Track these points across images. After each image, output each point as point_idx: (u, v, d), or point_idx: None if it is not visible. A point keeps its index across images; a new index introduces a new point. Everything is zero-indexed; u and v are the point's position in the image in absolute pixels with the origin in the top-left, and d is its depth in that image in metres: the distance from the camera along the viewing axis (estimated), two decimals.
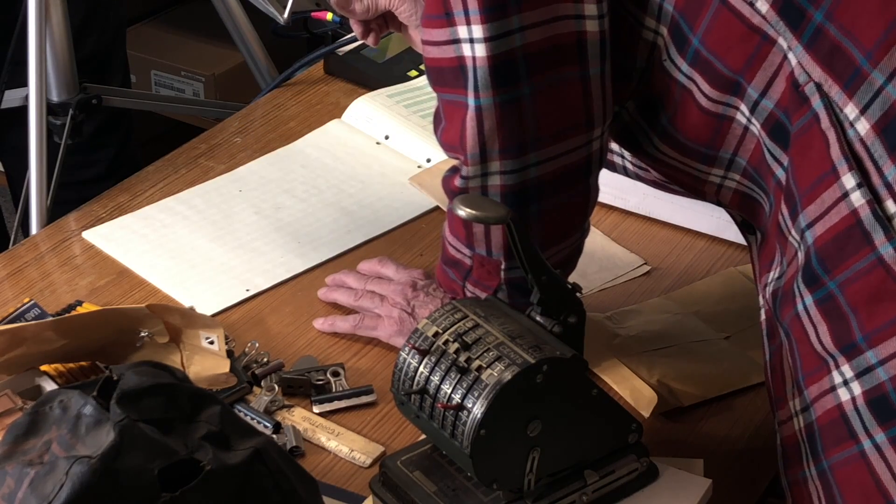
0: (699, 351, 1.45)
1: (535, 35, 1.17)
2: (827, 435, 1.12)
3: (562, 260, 1.32)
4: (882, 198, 1.06)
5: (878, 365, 1.06)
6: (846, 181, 1.08)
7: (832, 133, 1.09)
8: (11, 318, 1.45)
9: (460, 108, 1.22)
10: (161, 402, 1.07)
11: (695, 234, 1.65)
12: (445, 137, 1.26)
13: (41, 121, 1.88)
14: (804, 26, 1.10)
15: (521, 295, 1.26)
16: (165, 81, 3.18)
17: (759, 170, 1.19)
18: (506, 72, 1.19)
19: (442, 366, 1.16)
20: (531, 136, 1.21)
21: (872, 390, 1.07)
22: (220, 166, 1.77)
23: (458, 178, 1.26)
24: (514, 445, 1.15)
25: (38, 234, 1.71)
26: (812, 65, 1.10)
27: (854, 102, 1.08)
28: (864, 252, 1.07)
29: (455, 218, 1.30)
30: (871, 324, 1.07)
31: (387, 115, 1.82)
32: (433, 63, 1.23)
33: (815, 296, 1.10)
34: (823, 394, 1.11)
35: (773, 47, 1.12)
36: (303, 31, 2.26)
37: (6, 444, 1.08)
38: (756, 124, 1.16)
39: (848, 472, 1.10)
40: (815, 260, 1.10)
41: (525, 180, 1.23)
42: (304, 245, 1.63)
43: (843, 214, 1.08)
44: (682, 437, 1.36)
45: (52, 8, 1.89)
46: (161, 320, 1.37)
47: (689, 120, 1.21)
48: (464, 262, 1.33)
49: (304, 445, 1.33)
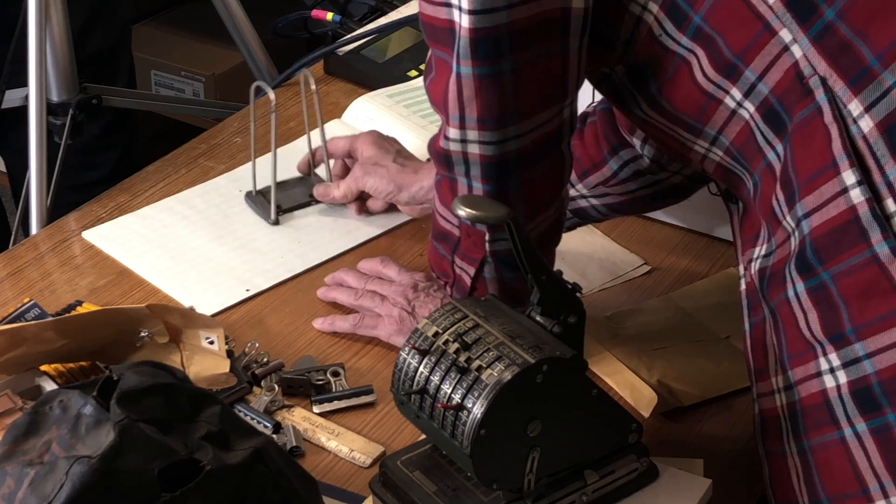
0: (699, 351, 1.45)
1: (523, 12, 1.18)
2: (809, 417, 1.14)
3: (544, 232, 1.32)
4: (882, 196, 1.08)
5: (864, 357, 1.09)
6: (846, 177, 1.09)
7: (835, 128, 1.10)
8: (11, 318, 1.45)
9: (448, 67, 1.23)
10: (161, 402, 1.07)
11: (695, 234, 1.65)
12: (432, 89, 1.27)
13: (41, 121, 1.88)
14: (814, 21, 1.12)
15: (508, 269, 1.27)
16: (165, 81, 3.18)
17: (743, 151, 1.20)
18: (487, 47, 1.19)
19: (442, 366, 1.16)
20: (511, 110, 1.22)
21: (858, 381, 1.09)
22: (220, 166, 1.77)
23: (442, 139, 1.27)
24: (514, 445, 1.15)
25: (38, 234, 1.71)
26: (818, 59, 1.11)
27: (859, 99, 1.09)
28: (859, 248, 1.09)
29: (445, 186, 1.30)
30: (861, 317, 1.09)
31: (387, 115, 1.82)
32: (426, 19, 1.24)
33: (807, 284, 1.12)
34: (809, 377, 1.13)
35: (773, 38, 1.13)
36: (303, 31, 2.26)
37: (6, 444, 1.08)
38: (749, 108, 1.17)
39: (828, 455, 1.13)
40: (810, 249, 1.12)
41: (505, 152, 1.24)
42: (304, 245, 1.63)
43: (841, 209, 1.09)
44: (682, 437, 1.36)
45: (53, 8, 1.89)
46: (161, 320, 1.37)
47: (680, 92, 1.22)
48: (452, 233, 1.34)
49: (304, 445, 1.33)
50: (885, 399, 1.08)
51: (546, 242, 1.33)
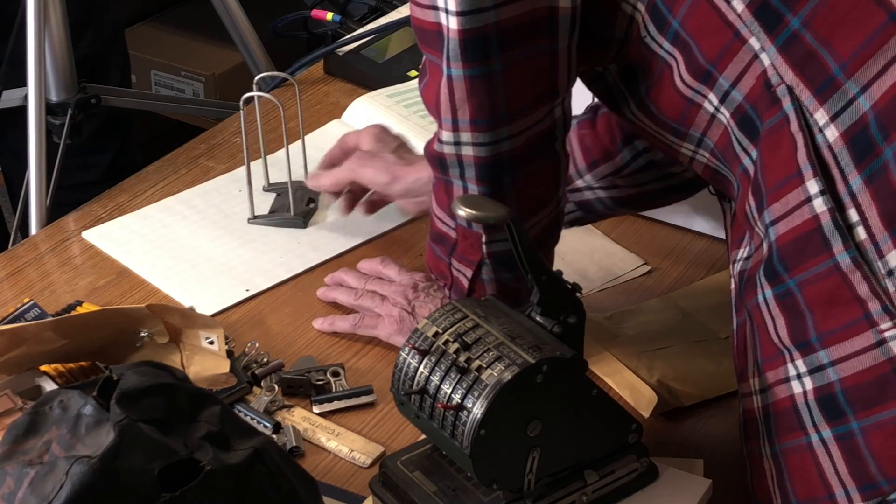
0: (699, 351, 1.45)
1: (511, 11, 1.18)
2: (780, 421, 1.15)
3: (541, 232, 1.32)
4: (845, 206, 1.09)
5: (829, 365, 1.10)
6: (810, 186, 1.10)
7: (800, 137, 1.11)
8: (11, 318, 1.45)
9: (439, 70, 1.23)
10: (161, 402, 1.07)
11: (695, 234, 1.65)
12: (425, 93, 1.27)
13: (40, 121, 1.88)
14: (780, 30, 1.12)
15: (506, 270, 1.27)
16: (165, 81, 3.18)
17: (726, 154, 1.21)
18: (475, 47, 1.19)
19: (442, 366, 1.16)
20: (503, 111, 1.22)
21: (822, 388, 1.10)
22: (220, 166, 1.77)
23: (436, 142, 1.27)
24: (514, 445, 1.15)
25: (38, 234, 1.71)
26: (785, 68, 1.12)
27: (825, 109, 1.10)
28: (822, 257, 1.09)
29: (440, 189, 1.31)
30: (825, 325, 1.10)
31: (387, 116, 1.82)
32: (416, 23, 1.24)
33: (774, 290, 1.13)
34: (779, 382, 1.15)
35: (743, 45, 1.14)
36: (303, 31, 2.26)
37: (6, 444, 1.08)
38: (725, 113, 1.18)
39: (796, 459, 1.14)
40: (777, 257, 1.12)
41: (498, 153, 1.24)
42: (304, 245, 1.63)
43: (805, 218, 1.10)
44: (682, 437, 1.36)
45: (51, 7, 1.89)
46: (161, 320, 1.37)
47: (663, 96, 1.22)
48: (449, 235, 1.34)
49: (304, 445, 1.33)
50: (849, 407, 1.09)
51: (544, 244, 1.33)
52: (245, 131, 1.62)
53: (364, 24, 2.10)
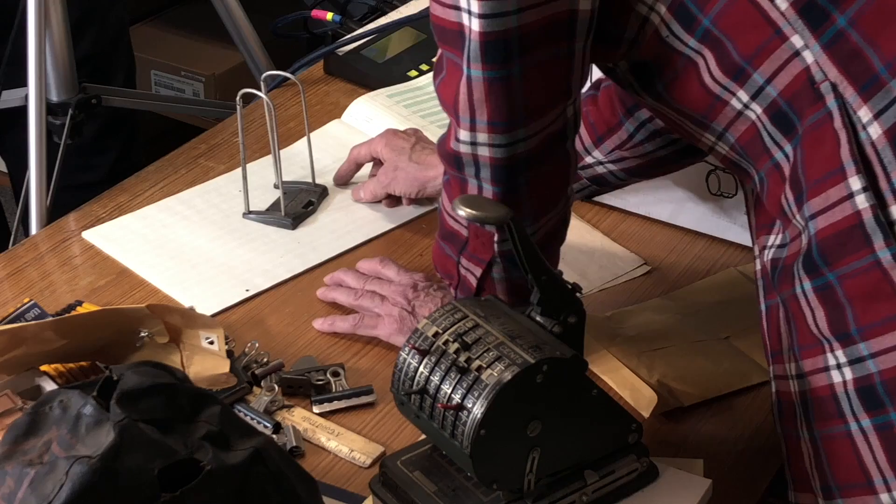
0: (699, 351, 1.45)
1: (532, 16, 1.18)
2: (819, 408, 1.17)
3: (551, 230, 1.32)
4: (887, 203, 1.10)
5: (868, 357, 1.11)
6: (853, 183, 1.11)
7: (844, 134, 1.12)
8: (11, 318, 1.45)
9: (458, 69, 1.23)
10: (161, 402, 1.07)
11: (695, 234, 1.65)
12: (442, 90, 1.27)
13: (41, 121, 1.88)
14: (825, 28, 1.13)
15: (516, 268, 1.27)
16: (165, 81, 3.18)
17: (748, 149, 1.22)
18: (496, 50, 1.19)
19: (442, 366, 1.16)
20: (520, 113, 1.23)
21: (862, 379, 1.12)
22: (220, 166, 1.77)
23: (452, 140, 1.27)
24: (514, 445, 1.15)
25: (38, 234, 1.71)
26: (829, 65, 1.13)
27: (868, 106, 1.11)
28: (863, 253, 1.11)
29: (454, 186, 1.31)
30: (865, 318, 1.11)
31: (387, 116, 1.82)
32: (437, 21, 1.24)
33: (813, 283, 1.14)
34: (818, 370, 1.16)
35: (783, 43, 1.15)
36: (303, 31, 2.26)
37: (6, 444, 1.08)
38: (756, 109, 1.18)
39: (835, 446, 1.16)
40: (816, 250, 1.13)
41: (514, 154, 1.25)
42: (304, 245, 1.63)
43: (846, 213, 1.11)
44: (682, 437, 1.36)
45: (52, 7, 1.89)
46: (161, 320, 1.37)
47: (686, 91, 1.23)
48: (460, 233, 1.34)
49: (304, 445, 1.33)
50: (888, 398, 1.11)
51: (552, 240, 1.34)
52: (241, 128, 1.62)
53: (364, 24, 2.10)
